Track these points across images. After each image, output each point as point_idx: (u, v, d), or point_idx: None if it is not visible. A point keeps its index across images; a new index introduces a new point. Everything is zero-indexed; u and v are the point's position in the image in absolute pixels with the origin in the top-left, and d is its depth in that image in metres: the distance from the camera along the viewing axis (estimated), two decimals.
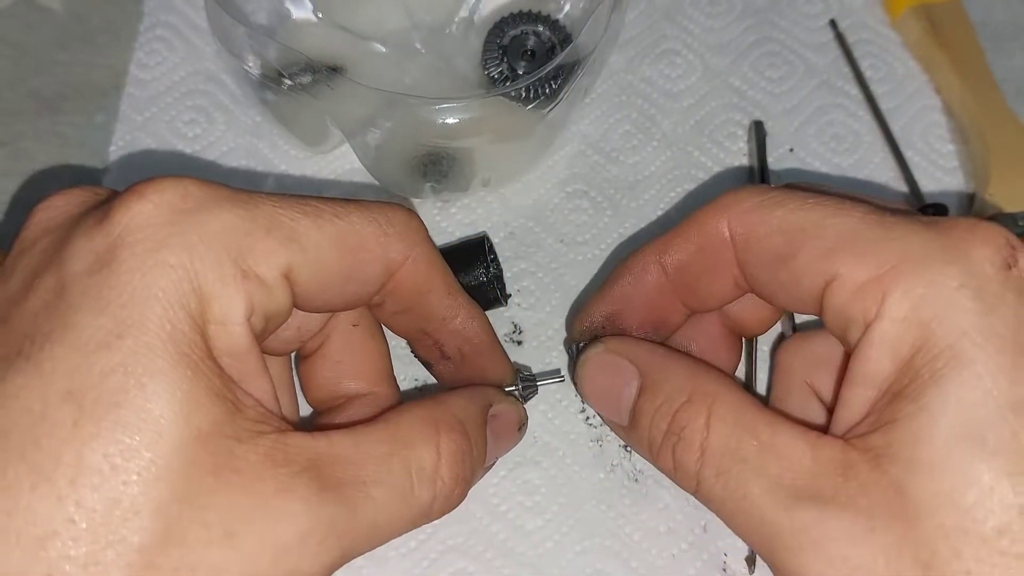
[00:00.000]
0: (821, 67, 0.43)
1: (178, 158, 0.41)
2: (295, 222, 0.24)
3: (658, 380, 0.27)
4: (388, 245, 0.26)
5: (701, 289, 0.29)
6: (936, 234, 0.23)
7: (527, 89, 0.37)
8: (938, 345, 0.22)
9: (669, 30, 0.44)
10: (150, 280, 0.21)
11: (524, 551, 0.34)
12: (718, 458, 0.25)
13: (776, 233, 0.25)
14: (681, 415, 0.26)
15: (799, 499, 0.23)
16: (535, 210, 0.40)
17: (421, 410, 0.26)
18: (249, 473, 0.21)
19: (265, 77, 0.37)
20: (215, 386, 0.22)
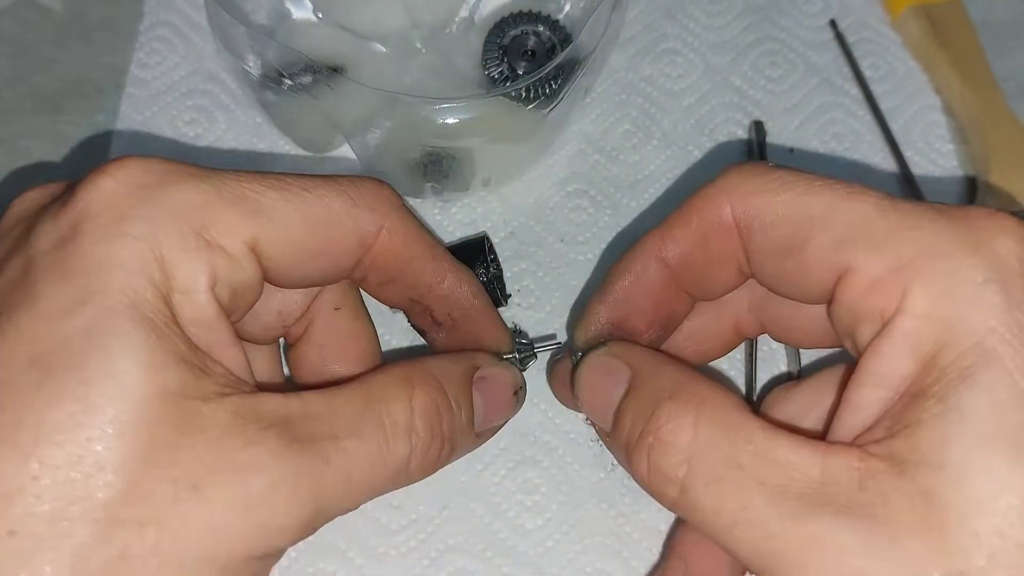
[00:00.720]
0: (821, 66, 0.43)
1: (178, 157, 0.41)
2: (261, 195, 0.24)
3: (645, 378, 0.26)
4: (359, 216, 0.26)
5: (705, 279, 0.27)
6: (956, 223, 0.22)
7: (527, 89, 0.37)
8: (964, 343, 0.20)
9: (669, 29, 0.44)
10: (113, 250, 0.22)
11: (524, 550, 0.34)
12: (709, 464, 0.23)
13: (783, 220, 0.24)
14: (660, 413, 0.24)
15: (810, 509, 0.21)
16: (535, 209, 0.40)
17: (396, 369, 0.26)
18: (215, 430, 0.21)
19: (265, 77, 0.37)
20: (180, 350, 0.22)
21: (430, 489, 0.35)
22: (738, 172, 0.25)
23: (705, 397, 0.24)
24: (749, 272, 0.26)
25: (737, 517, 0.22)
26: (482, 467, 0.35)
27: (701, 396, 0.24)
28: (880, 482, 0.21)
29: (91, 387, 0.20)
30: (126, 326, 0.21)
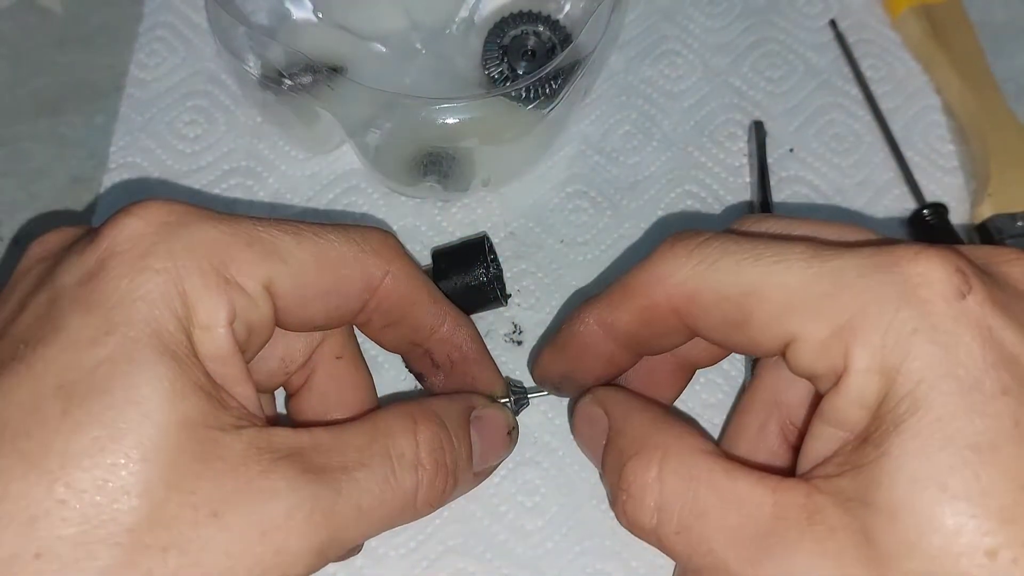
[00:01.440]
0: (821, 67, 0.43)
1: (178, 158, 0.41)
2: (275, 238, 0.25)
3: (616, 432, 0.27)
4: (366, 261, 0.27)
5: (651, 346, 0.28)
6: (883, 274, 0.23)
7: (527, 89, 0.37)
8: (899, 393, 0.22)
9: (669, 30, 0.44)
10: (137, 283, 0.22)
11: (524, 551, 0.34)
12: (676, 514, 0.24)
13: (722, 300, 0.25)
14: (627, 471, 0.25)
15: (765, 550, 0.22)
16: (535, 210, 0.40)
17: (399, 406, 0.27)
18: (233, 459, 0.22)
19: (265, 77, 0.37)
20: (200, 381, 0.23)
21: None
22: (669, 255, 0.26)
23: (668, 448, 0.25)
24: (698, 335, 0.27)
25: (704, 562, 0.24)
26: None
27: (664, 448, 0.25)
28: (828, 517, 0.22)
29: (116, 414, 0.21)
30: (149, 356, 0.22)
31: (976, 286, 0.22)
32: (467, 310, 0.37)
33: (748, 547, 0.23)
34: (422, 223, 0.40)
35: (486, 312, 0.38)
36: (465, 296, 0.36)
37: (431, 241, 0.39)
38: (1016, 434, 0.21)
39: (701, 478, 0.24)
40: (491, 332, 0.37)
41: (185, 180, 0.40)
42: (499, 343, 0.37)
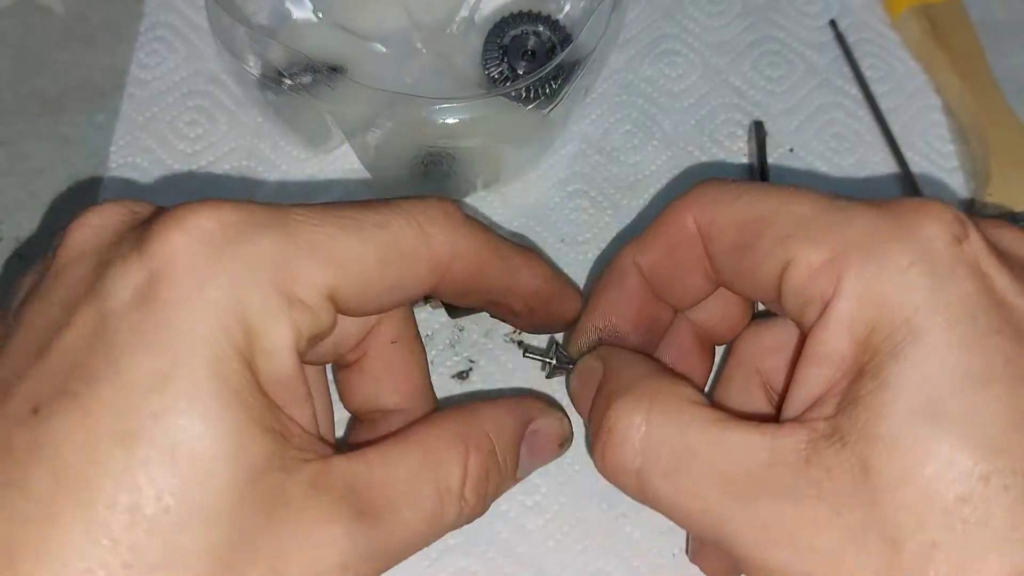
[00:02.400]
0: (821, 67, 0.43)
1: (179, 159, 0.41)
2: (336, 240, 0.23)
3: (608, 379, 0.27)
4: (432, 246, 0.25)
5: (676, 285, 0.29)
6: (886, 214, 0.24)
7: (527, 89, 0.37)
8: (894, 322, 0.22)
9: (669, 29, 0.44)
10: (195, 317, 0.21)
11: (525, 550, 0.34)
12: (663, 456, 0.24)
13: (737, 223, 0.26)
14: (613, 410, 0.25)
15: (759, 494, 0.22)
16: (536, 210, 0.40)
17: (452, 424, 0.26)
18: (295, 504, 0.22)
19: (266, 77, 0.37)
20: (264, 420, 0.22)
21: None
22: (700, 186, 0.28)
23: (658, 391, 0.25)
24: (716, 279, 0.28)
25: (693, 506, 0.24)
26: None
27: (654, 390, 0.25)
28: (825, 458, 0.22)
29: (181, 473, 0.20)
30: (212, 404, 0.21)
31: (973, 235, 0.23)
32: (467, 310, 0.37)
33: (742, 492, 0.23)
34: None
35: (485, 312, 0.38)
36: None
37: None
38: (1007, 372, 0.21)
39: (692, 424, 0.24)
40: (491, 332, 0.37)
41: (186, 180, 0.40)
42: (499, 343, 0.37)
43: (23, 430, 0.20)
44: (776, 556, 0.22)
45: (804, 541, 0.22)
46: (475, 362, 0.37)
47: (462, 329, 0.38)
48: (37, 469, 0.20)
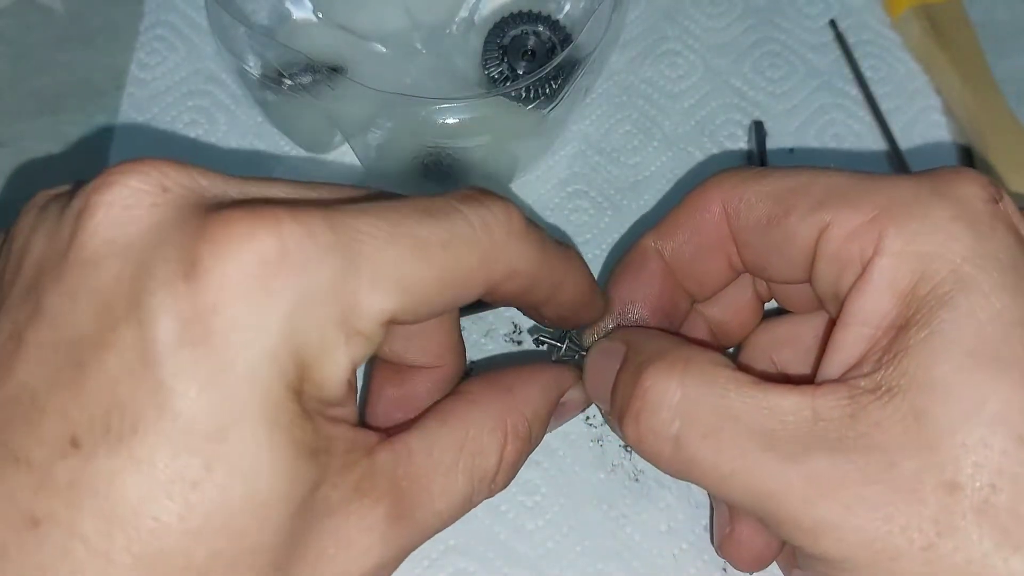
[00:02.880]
0: (821, 67, 0.43)
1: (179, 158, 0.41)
2: (400, 266, 0.21)
3: (634, 352, 0.27)
4: (491, 267, 0.24)
5: (698, 271, 0.29)
6: (922, 179, 0.24)
7: (527, 89, 0.37)
8: (941, 272, 0.22)
9: (670, 30, 0.44)
10: (252, 361, 0.19)
11: (525, 551, 0.34)
12: (702, 418, 0.24)
13: (767, 197, 0.26)
14: (646, 376, 0.25)
15: (805, 450, 0.22)
16: (535, 210, 0.40)
17: (492, 407, 0.26)
18: (339, 513, 0.22)
19: (265, 77, 0.37)
20: (312, 445, 0.21)
21: None
22: (724, 171, 0.28)
23: (690, 357, 0.25)
24: (740, 264, 0.28)
25: (735, 466, 0.23)
26: None
27: (686, 356, 0.25)
28: (871, 412, 0.22)
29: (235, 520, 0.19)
30: (267, 451, 0.20)
31: (1006, 198, 0.24)
32: (467, 310, 0.37)
33: (787, 449, 0.22)
34: None
35: (486, 312, 0.38)
36: None
37: None
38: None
39: (729, 386, 0.24)
40: (491, 332, 0.37)
41: None
42: (499, 343, 0.37)
43: (64, 463, 0.19)
44: (826, 511, 0.22)
45: (855, 494, 0.22)
46: (475, 362, 0.37)
47: (462, 329, 0.37)
48: (85, 512, 0.19)
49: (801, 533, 0.23)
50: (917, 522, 0.21)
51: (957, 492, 0.21)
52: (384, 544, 0.23)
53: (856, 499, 0.21)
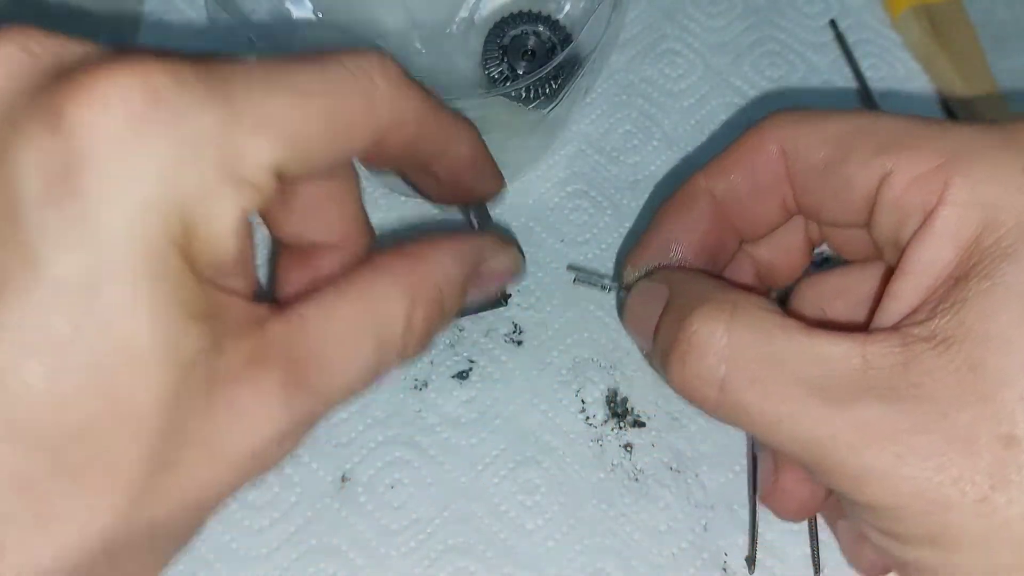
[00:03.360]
0: (822, 67, 0.43)
1: None
2: (285, 111, 0.21)
3: (678, 294, 0.26)
4: (377, 114, 0.23)
5: (750, 213, 0.28)
6: (989, 128, 0.24)
7: (527, 89, 0.37)
8: (1006, 224, 0.22)
9: (669, 30, 0.44)
10: (125, 214, 0.18)
11: (524, 550, 0.34)
12: (748, 362, 0.23)
13: (828, 139, 0.25)
14: (693, 319, 0.24)
15: (856, 397, 0.22)
16: (535, 210, 0.40)
17: (397, 273, 0.24)
18: (231, 384, 0.20)
19: None
20: (201, 308, 0.20)
21: (430, 490, 0.35)
22: (782, 111, 0.27)
23: (737, 301, 0.24)
24: (794, 206, 0.27)
25: (782, 411, 0.23)
26: (482, 467, 0.35)
27: (733, 300, 0.24)
28: (924, 360, 0.21)
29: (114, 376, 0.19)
30: (146, 304, 0.19)
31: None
32: (467, 310, 0.37)
33: (837, 395, 0.22)
34: (422, 223, 0.40)
35: (486, 312, 0.38)
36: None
37: None
38: None
39: (778, 331, 0.23)
40: (491, 332, 0.37)
41: None
42: (499, 343, 0.37)
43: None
44: (875, 459, 0.21)
45: (906, 443, 0.21)
46: (475, 362, 0.37)
47: (462, 329, 0.38)
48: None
49: (848, 481, 0.22)
50: (971, 474, 0.21)
51: (1013, 446, 0.20)
52: (281, 413, 0.21)
53: (907, 448, 0.21)
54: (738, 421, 0.24)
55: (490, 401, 0.36)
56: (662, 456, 0.35)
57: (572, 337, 0.37)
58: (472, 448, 0.35)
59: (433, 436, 0.36)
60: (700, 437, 0.36)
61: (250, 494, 0.35)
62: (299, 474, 0.35)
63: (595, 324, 0.38)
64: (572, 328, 0.37)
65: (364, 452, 0.35)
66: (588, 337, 0.37)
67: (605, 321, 0.38)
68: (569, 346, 0.37)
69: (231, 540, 0.34)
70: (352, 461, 0.35)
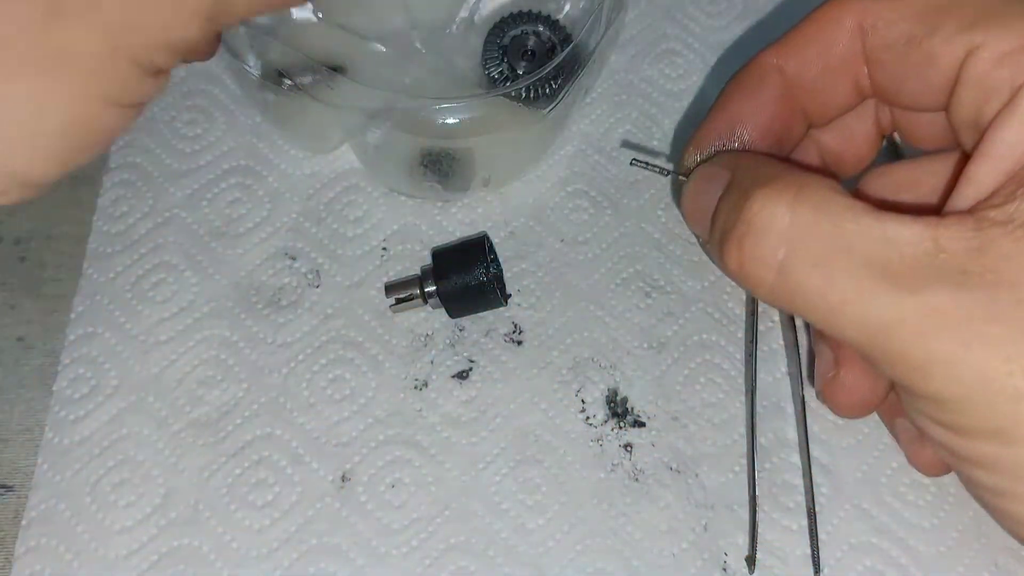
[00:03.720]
0: None
1: (178, 158, 0.41)
2: None
3: (741, 175, 0.25)
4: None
5: (821, 94, 0.27)
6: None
7: (527, 89, 0.37)
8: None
9: (670, 29, 0.44)
10: None
11: (525, 550, 0.34)
12: (812, 245, 0.22)
13: (911, 13, 0.24)
14: (754, 200, 0.23)
15: (924, 282, 0.21)
16: (535, 210, 0.40)
17: None
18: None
19: (265, 77, 0.37)
20: None
21: (431, 489, 0.35)
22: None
23: (804, 182, 0.23)
24: (867, 87, 0.26)
25: (846, 296, 0.22)
26: (483, 467, 0.35)
27: (800, 181, 0.23)
28: (1001, 246, 0.20)
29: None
30: None
31: None
32: (467, 310, 0.37)
33: (904, 280, 0.21)
34: (422, 223, 0.40)
35: (486, 312, 0.38)
36: (465, 296, 0.36)
37: (431, 241, 0.39)
38: None
39: (844, 213, 0.22)
40: (491, 332, 0.37)
41: (185, 179, 0.40)
42: (499, 343, 0.37)
43: None
44: (941, 347, 0.21)
45: (976, 331, 0.20)
46: (475, 362, 0.37)
47: (462, 329, 0.38)
48: None
49: (911, 371, 0.21)
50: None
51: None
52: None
53: (977, 336, 0.20)
54: (796, 307, 0.23)
55: (490, 401, 0.36)
56: (662, 456, 0.35)
57: (572, 337, 0.37)
58: (472, 447, 0.35)
59: (433, 435, 0.36)
60: (700, 437, 0.36)
61: (250, 494, 0.35)
62: (299, 474, 0.35)
63: (595, 324, 0.38)
64: (572, 328, 0.38)
65: (364, 452, 0.35)
66: (588, 337, 0.37)
67: (605, 321, 0.38)
68: (569, 346, 0.37)
69: (231, 540, 0.34)
70: (352, 461, 0.35)
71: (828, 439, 0.36)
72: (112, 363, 0.37)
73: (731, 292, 0.38)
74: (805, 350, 0.36)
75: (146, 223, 0.39)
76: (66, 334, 0.37)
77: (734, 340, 0.37)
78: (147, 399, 0.36)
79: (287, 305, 0.38)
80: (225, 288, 0.38)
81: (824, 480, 0.35)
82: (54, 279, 0.39)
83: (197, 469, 0.35)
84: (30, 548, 0.34)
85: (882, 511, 0.34)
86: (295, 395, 0.36)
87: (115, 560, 0.34)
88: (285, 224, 0.39)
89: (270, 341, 0.37)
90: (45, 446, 0.35)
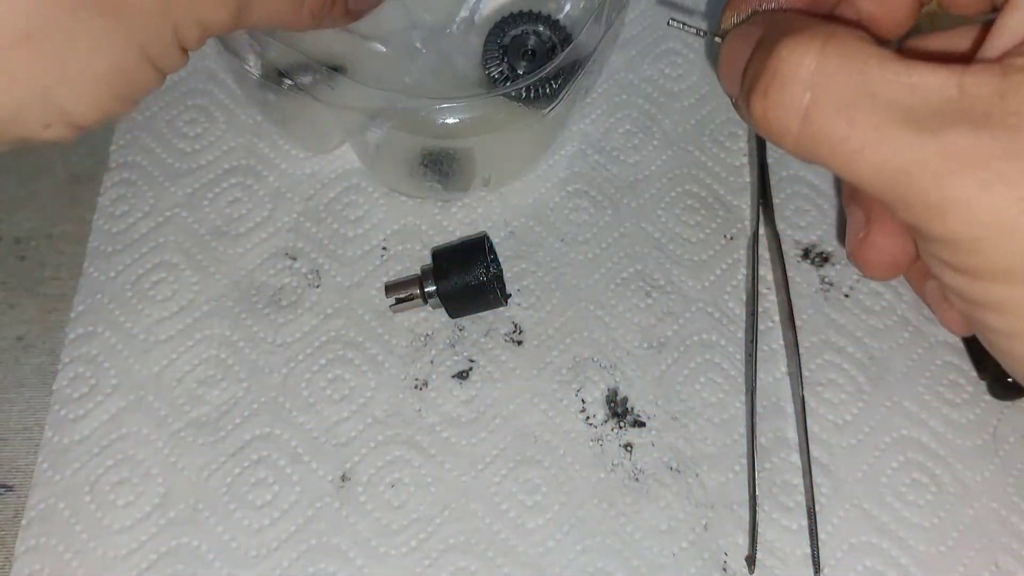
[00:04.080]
0: None
1: (178, 157, 0.41)
2: None
3: (771, 28, 0.24)
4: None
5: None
6: None
7: (527, 89, 0.37)
8: None
9: (669, 29, 0.44)
10: None
11: (525, 550, 0.34)
12: (837, 90, 0.22)
13: None
14: (781, 48, 0.23)
15: (948, 123, 0.21)
16: (535, 209, 0.40)
17: None
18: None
19: (265, 77, 0.37)
20: None
21: (431, 489, 0.35)
22: None
23: (833, 31, 0.23)
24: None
25: (867, 140, 0.22)
26: (483, 467, 0.35)
27: (828, 30, 0.23)
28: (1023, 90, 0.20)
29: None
30: None
31: None
32: (467, 310, 0.37)
33: (927, 123, 0.21)
34: (422, 223, 0.40)
35: (486, 312, 0.38)
36: (465, 296, 0.36)
37: (431, 241, 0.39)
38: None
39: (871, 60, 0.22)
40: (491, 332, 0.37)
41: (185, 178, 0.40)
42: (499, 343, 0.37)
43: None
44: (959, 188, 0.21)
45: (994, 171, 0.20)
46: (475, 362, 0.37)
47: (462, 329, 0.38)
48: None
49: (929, 213, 0.21)
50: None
51: None
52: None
53: (995, 176, 0.20)
54: (818, 154, 0.23)
55: (490, 401, 0.36)
56: (662, 456, 0.35)
57: (572, 337, 0.37)
58: (472, 448, 0.35)
59: (433, 436, 0.36)
60: (700, 437, 0.36)
61: (249, 494, 0.35)
62: (299, 474, 0.35)
63: (595, 324, 0.38)
64: (572, 328, 0.38)
65: (364, 452, 0.35)
66: (588, 337, 0.37)
67: (605, 321, 0.38)
68: (569, 346, 0.37)
69: (230, 539, 0.34)
70: (352, 461, 0.35)
71: (828, 439, 0.36)
72: (112, 362, 0.37)
73: (731, 292, 0.38)
74: (805, 348, 0.36)
75: (146, 222, 0.39)
76: (66, 333, 0.37)
77: (734, 340, 0.37)
78: (147, 398, 0.36)
79: (287, 305, 0.38)
80: (225, 287, 0.38)
81: (824, 480, 0.35)
82: (54, 278, 0.39)
83: (197, 468, 0.35)
84: (30, 547, 0.34)
85: (882, 511, 0.34)
86: (295, 395, 0.36)
87: (115, 559, 0.34)
88: (285, 224, 0.39)
89: (270, 341, 0.37)
90: (45, 445, 0.35)
